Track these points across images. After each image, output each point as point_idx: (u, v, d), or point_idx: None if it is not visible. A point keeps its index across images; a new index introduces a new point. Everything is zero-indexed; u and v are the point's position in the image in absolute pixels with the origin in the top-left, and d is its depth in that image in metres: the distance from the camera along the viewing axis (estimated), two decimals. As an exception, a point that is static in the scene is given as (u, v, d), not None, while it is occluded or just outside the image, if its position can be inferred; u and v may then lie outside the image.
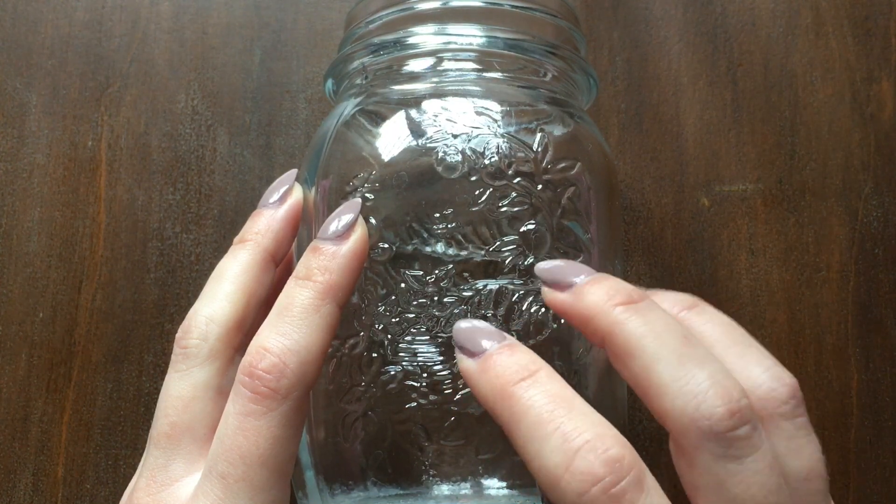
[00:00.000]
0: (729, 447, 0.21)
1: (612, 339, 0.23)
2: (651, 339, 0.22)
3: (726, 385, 0.21)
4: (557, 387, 0.22)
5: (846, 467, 0.38)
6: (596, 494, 0.20)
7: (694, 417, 0.21)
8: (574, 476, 0.20)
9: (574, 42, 0.32)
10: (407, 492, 0.28)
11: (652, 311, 0.23)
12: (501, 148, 0.29)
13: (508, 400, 0.22)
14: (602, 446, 0.20)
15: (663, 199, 0.40)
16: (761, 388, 0.23)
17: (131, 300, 0.39)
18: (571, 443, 0.20)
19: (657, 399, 0.22)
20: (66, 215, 0.40)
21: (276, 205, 0.30)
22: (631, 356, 0.22)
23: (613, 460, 0.20)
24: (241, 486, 0.24)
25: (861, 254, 0.39)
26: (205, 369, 0.27)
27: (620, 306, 0.23)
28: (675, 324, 0.23)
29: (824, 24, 0.41)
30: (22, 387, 0.38)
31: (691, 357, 0.22)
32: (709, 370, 0.22)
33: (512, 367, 0.23)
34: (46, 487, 0.38)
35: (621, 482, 0.20)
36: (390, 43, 0.30)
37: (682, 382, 0.21)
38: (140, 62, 0.41)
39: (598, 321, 0.23)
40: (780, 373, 0.24)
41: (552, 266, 0.25)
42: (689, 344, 0.22)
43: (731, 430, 0.21)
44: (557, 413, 0.21)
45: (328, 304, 0.26)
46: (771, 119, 0.40)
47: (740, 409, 0.21)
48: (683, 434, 0.21)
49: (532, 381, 0.22)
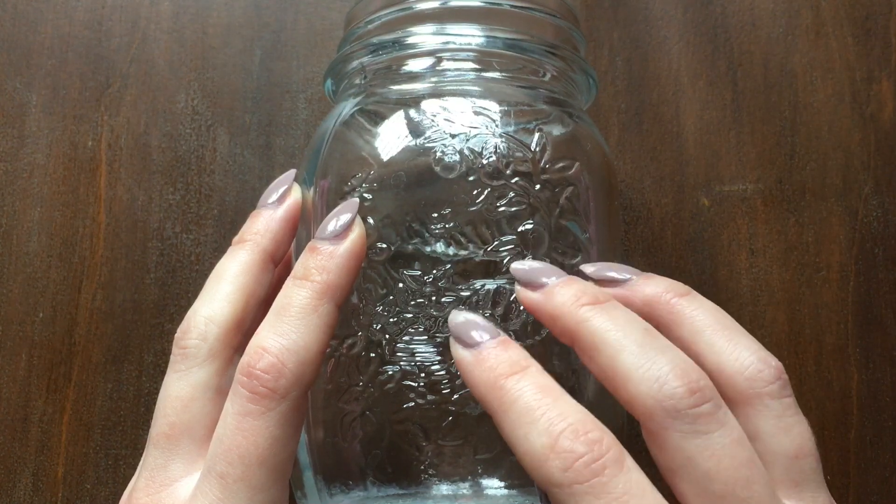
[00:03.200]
0: (694, 423, 0.22)
1: (579, 335, 0.24)
2: (614, 332, 0.24)
3: (685, 367, 0.23)
4: (546, 381, 0.23)
5: (846, 467, 0.38)
6: (579, 468, 0.21)
7: (658, 398, 0.22)
8: (558, 454, 0.21)
9: (574, 42, 0.32)
10: (406, 491, 0.28)
11: (616, 309, 0.24)
12: (499, 148, 0.29)
13: (499, 391, 0.23)
14: (583, 429, 0.22)
15: (663, 199, 0.40)
16: (749, 368, 0.25)
17: (131, 300, 0.39)
18: (556, 426, 0.22)
19: (623, 387, 0.23)
20: (66, 215, 0.40)
21: (275, 205, 0.30)
22: (596, 350, 0.24)
23: (594, 441, 0.22)
24: (239, 485, 0.24)
25: (861, 254, 0.39)
26: (204, 369, 0.27)
27: (587, 306, 0.24)
28: (637, 319, 0.24)
29: (824, 24, 0.41)
30: (22, 387, 0.38)
31: (652, 346, 0.23)
32: (669, 356, 0.23)
33: (505, 361, 0.24)
34: (46, 487, 0.38)
35: (601, 458, 0.21)
36: (389, 43, 0.31)
37: (645, 369, 0.23)
38: (140, 62, 0.41)
39: (565, 320, 0.25)
40: (767, 356, 0.25)
41: (527, 267, 0.26)
42: (650, 335, 0.24)
43: (693, 407, 0.22)
44: (545, 402, 0.22)
45: (326, 303, 0.26)
46: (771, 119, 0.40)
47: (700, 387, 0.22)
48: (650, 417, 0.22)
49: (522, 374, 0.23)
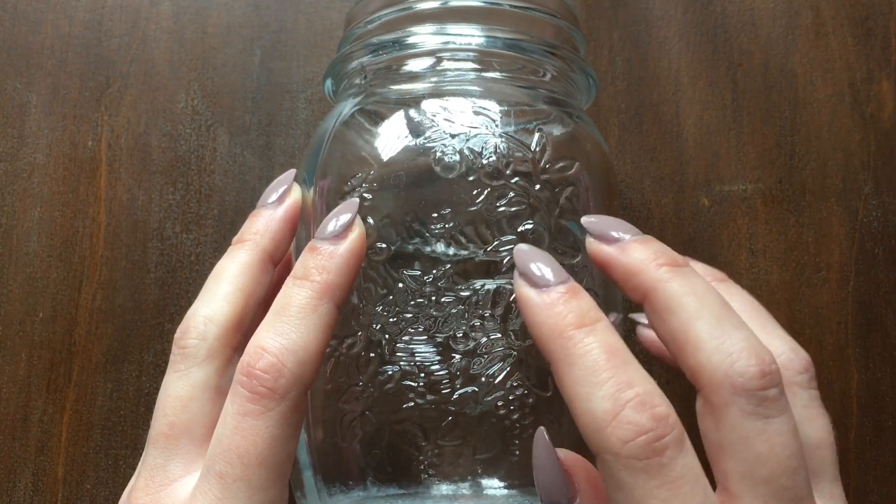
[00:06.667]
0: (758, 405, 0.22)
1: (655, 294, 0.24)
2: (692, 299, 0.23)
3: (759, 349, 0.23)
4: (615, 340, 0.23)
5: (846, 467, 0.38)
6: (640, 444, 0.21)
7: (728, 373, 0.22)
8: (621, 424, 0.21)
9: (573, 42, 0.32)
10: (406, 491, 0.28)
11: (694, 276, 0.24)
12: (499, 148, 0.29)
13: (567, 341, 0.23)
14: (651, 402, 0.22)
15: (663, 199, 0.40)
16: (781, 357, 0.25)
17: (131, 300, 0.39)
18: (623, 393, 0.22)
19: (693, 354, 0.23)
20: (66, 215, 0.40)
21: (275, 205, 0.30)
22: (671, 312, 0.23)
23: (660, 416, 0.21)
24: (239, 485, 0.24)
25: (861, 254, 0.39)
26: (203, 369, 0.27)
27: (665, 266, 0.24)
28: (714, 290, 0.24)
29: (824, 24, 0.41)
30: (22, 387, 0.38)
31: (729, 320, 0.23)
32: (744, 333, 0.23)
33: (575, 310, 0.23)
34: (46, 487, 0.38)
35: (665, 437, 0.21)
36: (389, 43, 0.30)
37: (720, 341, 0.22)
38: (140, 62, 0.41)
39: (641, 276, 0.24)
40: (798, 347, 0.26)
41: (599, 219, 0.26)
42: (727, 308, 0.23)
43: (761, 389, 0.22)
44: (613, 363, 0.22)
45: (326, 303, 0.26)
46: (771, 119, 0.40)
47: (771, 371, 0.22)
48: (715, 389, 0.22)
49: (592, 328, 0.23)
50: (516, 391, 0.28)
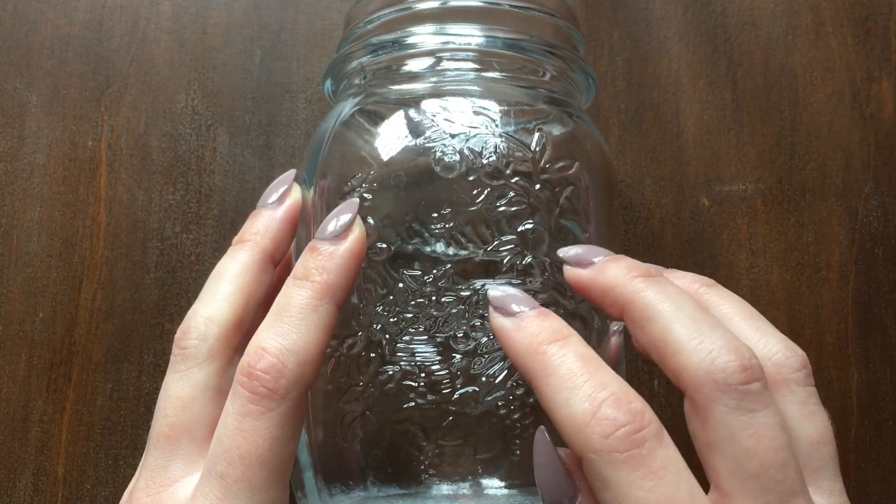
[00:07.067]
0: (742, 399, 0.22)
1: (632, 305, 0.25)
2: (668, 304, 0.24)
3: (738, 345, 0.23)
4: (587, 350, 0.24)
5: (846, 467, 0.38)
6: (620, 437, 0.22)
7: (709, 371, 0.23)
8: (600, 421, 0.22)
9: (573, 42, 0.32)
10: (406, 491, 0.28)
11: (668, 283, 0.25)
12: (499, 148, 0.29)
13: (541, 356, 0.24)
14: (626, 399, 0.22)
15: (663, 199, 0.40)
16: (777, 355, 0.25)
17: (131, 300, 0.39)
18: (599, 393, 0.22)
19: (673, 357, 0.23)
20: (66, 215, 0.40)
21: (275, 205, 0.30)
22: (649, 320, 0.24)
23: (636, 411, 0.22)
24: (239, 486, 0.24)
25: (861, 254, 0.39)
26: (204, 370, 0.27)
27: (639, 278, 0.25)
28: (688, 295, 0.25)
29: (824, 24, 0.41)
30: (22, 387, 0.38)
31: (705, 321, 0.24)
32: (721, 331, 0.23)
33: (546, 328, 0.24)
34: (46, 487, 0.38)
35: (643, 430, 0.22)
36: (389, 43, 0.30)
37: (698, 341, 0.23)
38: (140, 62, 0.41)
39: (617, 290, 0.25)
40: (792, 345, 0.26)
41: (573, 247, 0.27)
42: (702, 311, 0.24)
43: (743, 384, 0.22)
44: (587, 369, 0.23)
45: (326, 303, 0.26)
46: (771, 119, 0.40)
47: (752, 366, 0.23)
48: (698, 388, 0.23)
49: (565, 342, 0.24)
50: (517, 391, 0.28)
